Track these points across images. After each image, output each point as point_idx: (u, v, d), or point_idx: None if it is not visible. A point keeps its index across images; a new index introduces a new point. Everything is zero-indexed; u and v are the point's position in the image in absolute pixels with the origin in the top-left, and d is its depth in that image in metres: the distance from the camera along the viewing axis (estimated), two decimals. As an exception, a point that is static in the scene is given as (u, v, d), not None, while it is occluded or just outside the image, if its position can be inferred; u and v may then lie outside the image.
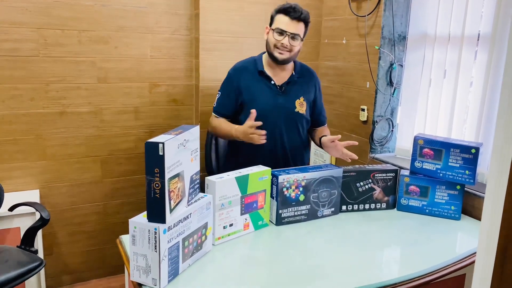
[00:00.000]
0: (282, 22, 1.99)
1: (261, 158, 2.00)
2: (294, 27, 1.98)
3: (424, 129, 2.44)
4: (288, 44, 1.99)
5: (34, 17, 2.31)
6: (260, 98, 2.07)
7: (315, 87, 2.20)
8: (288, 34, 1.98)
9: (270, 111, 2.06)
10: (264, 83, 2.10)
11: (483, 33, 2.10)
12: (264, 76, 2.10)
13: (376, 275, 1.45)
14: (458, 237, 1.85)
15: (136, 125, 2.68)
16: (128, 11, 2.52)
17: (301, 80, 2.15)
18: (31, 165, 2.45)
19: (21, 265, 1.90)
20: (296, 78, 2.13)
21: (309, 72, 2.21)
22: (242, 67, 2.16)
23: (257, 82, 2.10)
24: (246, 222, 1.70)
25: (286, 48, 2.00)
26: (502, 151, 0.57)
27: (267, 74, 2.10)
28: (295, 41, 2.00)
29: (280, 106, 2.09)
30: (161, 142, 1.22)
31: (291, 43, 1.99)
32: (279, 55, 2.01)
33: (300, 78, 2.15)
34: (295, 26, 1.98)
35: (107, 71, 2.53)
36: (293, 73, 2.14)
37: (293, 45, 2.00)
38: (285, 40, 1.98)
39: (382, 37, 2.46)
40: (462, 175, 1.90)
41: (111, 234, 2.71)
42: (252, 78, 2.11)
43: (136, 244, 1.29)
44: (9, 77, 2.31)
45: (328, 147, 2.03)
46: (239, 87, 2.10)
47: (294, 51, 2.03)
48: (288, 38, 1.98)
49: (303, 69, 2.19)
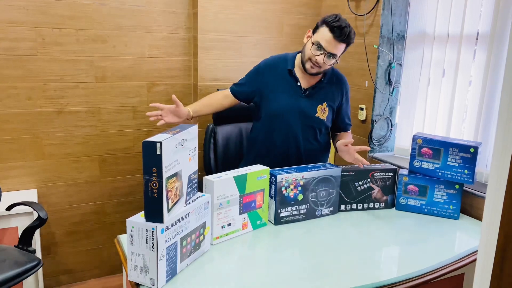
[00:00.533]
0: (323, 38, 1.90)
1: (273, 158, 2.03)
2: (334, 47, 1.91)
3: (423, 128, 2.44)
4: (322, 63, 1.93)
5: (32, 15, 2.30)
6: (281, 97, 2.04)
7: (342, 94, 2.14)
8: (325, 53, 1.91)
9: (288, 111, 2.04)
10: (289, 83, 2.06)
11: (482, 32, 2.09)
12: (292, 76, 2.06)
13: (374, 274, 1.45)
14: (457, 236, 1.85)
15: (134, 124, 2.67)
16: (126, 10, 2.51)
17: (328, 86, 2.09)
18: (28, 165, 2.44)
19: (19, 265, 1.89)
20: (325, 83, 2.08)
21: (338, 79, 2.13)
22: (273, 63, 2.12)
23: (282, 80, 2.07)
24: (245, 221, 1.69)
25: (318, 65, 1.94)
26: (502, 150, 0.57)
27: (295, 74, 2.06)
28: (330, 60, 1.94)
29: (299, 109, 2.04)
30: (158, 141, 1.22)
31: (325, 61, 1.93)
32: (310, 68, 1.97)
33: (328, 84, 2.09)
34: (335, 46, 1.91)
35: (105, 70, 2.52)
36: (322, 79, 2.08)
37: (326, 64, 1.94)
38: (320, 58, 1.92)
39: (381, 36, 2.46)
40: (461, 174, 1.90)
41: (109, 234, 2.71)
42: (279, 75, 2.08)
43: (134, 243, 1.28)
44: (6, 76, 2.30)
45: (342, 151, 1.99)
46: (263, 80, 2.09)
47: (326, 67, 1.98)
48: (324, 56, 1.91)
49: (333, 74, 2.12)
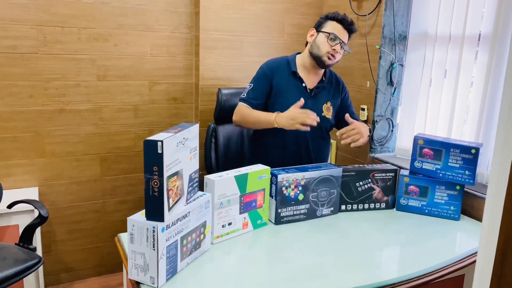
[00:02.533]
0: (336, 29, 2.02)
1: (285, 159, 2.06)
2: (344, 36, 2.03)
3: (424, 129, 2.44)
4: (338, 53, 2.02)
5: (33, 14, 2.30)
6: (289, 99, 2.05)
7: (341, 93, 2.22)
8: (340, 42, 2.01)
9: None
10: (295, 85, 2.10)
11: (484, 33, 2.09)
12: (296, 77, 2.10)
13: (375, 275, 1.45)
14: (458, 237, 1.85)
15: (135, 123, 2.68)
16: (128, 8, 2.51)
17: (329, 85, 2.18)
18: (30, 163, 2.44)
19: (20, 263, 1.89)
20: (326, 83, 2.16)
21: (336, 77, 2.23)
22: (275, 64, 2.14)
23: (288, 82, 2.10)
24: (245, 221, 1.69)
25: (334, 56, 2.02)
26: (502, 151, 0.56)
27: (300, 76, 2.10)
28: (342, 49, 2.04)
29: (308, 109, 2.06)
30: (159, 140, 1.22)
31: (340, 51, 2.03)
32: (328, 60, 2.03)
33: (329, 84, 2.18)
34: (345, 35, 2.03)
35: (106, 69, 2.53)
36: (323, 78, 2.15)
37: (340, 53, 2.04)
38: (338, 47, 2.01)
39: (383, 36, 2.46)
40: (462, 175, 1.89)
41: (110, 232, 2.71)
42: (284, 77, 2.10)
43: (134, 242, 1.28)
44: (8, 74, 2.31)
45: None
46: (271, 83, 2.10)
47: (338, 58, 2.06)
48: (340, 45, 2.01)
49: (331, 75, 2.21)
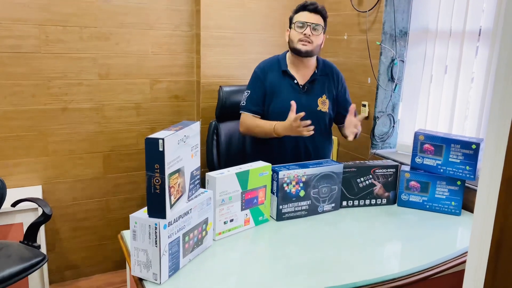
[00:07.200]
0: (301, 16, 2.05)
1: (284, 156, 2.06)
2: (314, 19, 2.04)
3: (425, 125, 2.44)
4: (310, 34, 2.02)
5: (35, 13, 2.31)
6: (283, 97, 2.08)
7: (336, 81, 2.20)
8: (309, 25, 2.02)
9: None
10: (288, 83, 2.11)
11: (484, 28, 2.09)
12: (287, 75, 2.12)
13: (376, 270, 1.46)
14: (458, 232, 1.85)
15: (137, 121, 2.69)
16: (130, 7, 2.52)
17: (323, 78, 2.16)
18: (33, 161, 2.46)
19: (24, 260, 1.91)
20: (319, 76, 2.15)
21: (330, 68, 2.21)
22: (267, 66, 2.16)
23: (281, 81, 2.11)
24: (247, 217, 1.70)
25: (309, 39, 2.02)
26: (495, 142, 0.57)
27: (290, 73, 2.11)
28: (316, 31, 2.04)
29: (302, 106, 2.06)
30: (161, 138, 1.23)
31: (313, 33, 2.03)
32: (303, 46, 2.03)
33: (323, 75, 2.16)
34: (315, 18, 2.04)
35: (108, 67, 2.54)
36: (316, 71, 2.15)
37: (315, 35, 2.03)
38: (307, 30, 2.02)
39: (383, 32, 2.46)
40: (463, 170, 1.90)
41: (113, 230, 2.73)
42: (276, 77, 2.12)
43: (137, 239, 1.30)
44: (11, 74, 2.32)
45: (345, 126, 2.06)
46: (265, 85, 2.12)
47: (317, 43, 2.05)
48: (310, 28, 2.02)
49: (325, 65, 2.20)
